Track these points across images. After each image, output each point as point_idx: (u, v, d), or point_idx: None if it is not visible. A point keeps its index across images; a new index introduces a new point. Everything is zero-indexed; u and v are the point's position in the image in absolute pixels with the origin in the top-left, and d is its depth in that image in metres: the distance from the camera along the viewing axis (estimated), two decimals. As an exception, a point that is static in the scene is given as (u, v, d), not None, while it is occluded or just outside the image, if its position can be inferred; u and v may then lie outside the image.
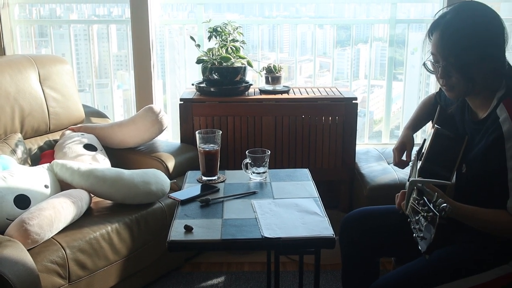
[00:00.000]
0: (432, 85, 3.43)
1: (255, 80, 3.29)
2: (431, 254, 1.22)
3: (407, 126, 1.92)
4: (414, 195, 1.36)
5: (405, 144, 1.86)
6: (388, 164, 2.87)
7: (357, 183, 2.81)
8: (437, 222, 1.18)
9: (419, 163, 1.67)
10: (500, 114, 1.44)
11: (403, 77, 3.44)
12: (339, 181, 2.94)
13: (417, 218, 1.29)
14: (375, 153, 3.07)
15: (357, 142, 2.88)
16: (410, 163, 1.88)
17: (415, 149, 1.86)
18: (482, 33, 1.44)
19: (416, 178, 1.44)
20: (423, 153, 1.70)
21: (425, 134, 1.94)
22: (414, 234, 1.28)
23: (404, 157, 1.86)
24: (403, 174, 2.64)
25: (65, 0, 3.55)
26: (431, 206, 1.24)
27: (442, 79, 1.51)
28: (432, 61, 1.53)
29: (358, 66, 3.61)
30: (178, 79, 3.64)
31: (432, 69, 1.54)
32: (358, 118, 2.84)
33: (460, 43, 1.44)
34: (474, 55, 1.43)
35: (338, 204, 2.98)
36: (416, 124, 1.93)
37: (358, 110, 2.82)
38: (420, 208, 1.28)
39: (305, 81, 3.62)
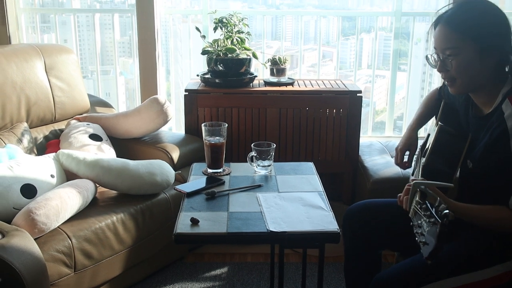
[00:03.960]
0: (436, 75, 3.43)
1: (258, 69, 3.28)
2: (433, 260, 1.20)
3: (412, 127, 1.92)
4: (417, 198, 1.34)
5: (408, 146, 1.87)
6: (392, 157, 2.88)
7: (360, 176, 2.82)
8: (438, 230, 1.16)
9: (423, 160, 1.68)
10: (505, 109, 1.44)
11: (406, 67, 3.44)
12: (342, 174, 2.95)
13: (419, 222, 1.28)
14: (379, 146, 3.08)
15: (361, 134, 2.89)
16: (414, 158, 1.89)
17: (419, 145, 1.87)
18: (483, 26, 1.45)
19: (419, 180, 1.42)
20: (427, 148, 1.71)
21: (428, 129, 1.95)
22: (416, 238, 1.27)
23: (406, 159, 1.88)
24: (406, 167, 2.65)
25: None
26: (433, 211, 1.23)
27: (441, 72, 1.53)
28: (434, 56, 1.54)
29: (361, 56, 3.61)
30: (181, 67, 3.64)
31: (433, 64, 1.56)
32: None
33: (460, 36, 1.45)
34: (474, 49, 1.44)
35: (341, 197, 2.99)
36: (420, 122, 1.94)
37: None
38: (423, 213, 1.27)
39: (307, 70, 3.62)
